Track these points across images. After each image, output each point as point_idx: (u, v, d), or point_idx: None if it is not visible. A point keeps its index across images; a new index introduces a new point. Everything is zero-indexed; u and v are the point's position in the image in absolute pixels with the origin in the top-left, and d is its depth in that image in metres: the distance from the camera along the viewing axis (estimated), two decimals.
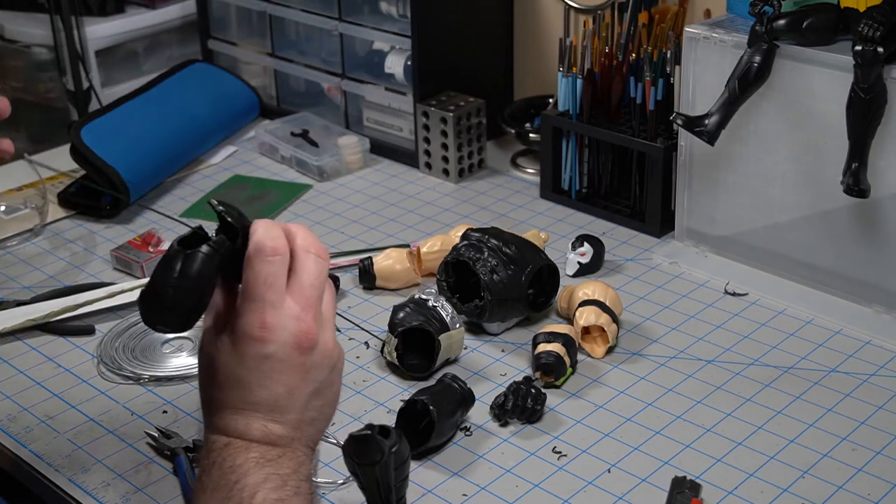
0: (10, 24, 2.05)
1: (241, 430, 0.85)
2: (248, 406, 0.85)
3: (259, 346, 0.84)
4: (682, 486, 1.08)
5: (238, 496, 0.82)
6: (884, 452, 1.13)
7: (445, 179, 1.76)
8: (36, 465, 1.16)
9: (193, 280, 0.83)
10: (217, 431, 0.86)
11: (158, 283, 0.84)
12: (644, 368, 1.28)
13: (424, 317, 1.26)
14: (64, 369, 1.32)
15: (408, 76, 1.78)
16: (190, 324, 0.85)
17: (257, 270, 0.84)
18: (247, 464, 0.84)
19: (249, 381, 0.85)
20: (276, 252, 0.85)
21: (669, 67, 1.52)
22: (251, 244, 0.85)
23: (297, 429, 0.87)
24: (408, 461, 1.01)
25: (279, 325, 0.84)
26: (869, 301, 1.36)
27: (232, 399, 0.86)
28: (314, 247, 0.88)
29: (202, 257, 0.84)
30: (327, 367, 0.88)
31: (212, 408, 0.87)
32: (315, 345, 0.86)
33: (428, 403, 1.13)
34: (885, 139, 1.27)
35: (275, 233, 0.86)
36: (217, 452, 0.85)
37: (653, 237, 1.57)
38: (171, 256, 0.84)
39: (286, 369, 0.85)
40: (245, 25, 2.04)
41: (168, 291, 0.84)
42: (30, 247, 1.60)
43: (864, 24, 1.22)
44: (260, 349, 0.84)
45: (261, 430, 0.85)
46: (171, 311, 0.84)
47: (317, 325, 0.86)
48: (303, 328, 0.85)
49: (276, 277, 0.84)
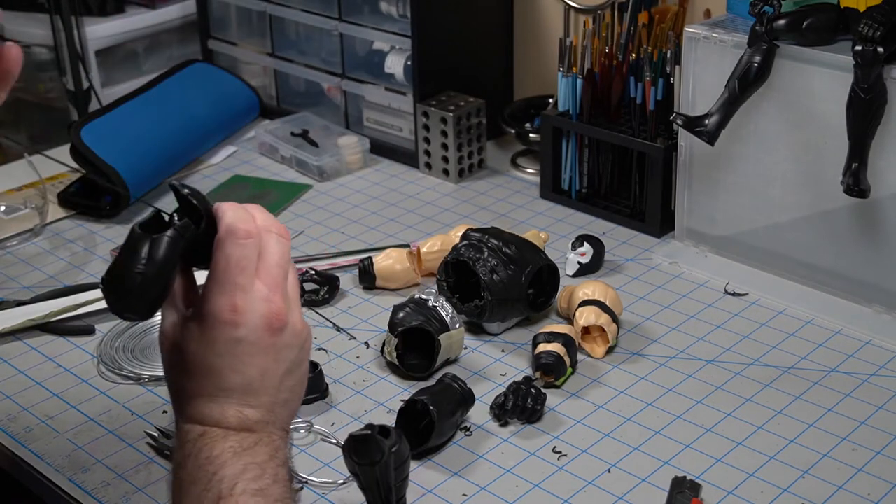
0: (10, 24, 2.05)
1: (216, 417, 0.83)
2: (221, 392, 0.83)
3: (230, 330, 0.82)
4: (682, 486, 1.08)
5: (217, 488, 0.80)
6: (884, 452, 1.13)
7: (445, 179, 1.76)
8: (36, 465, 1.16)
9: (160, 265, 0.81)
10: (191, 421, 0.84)
11: (124, 270, 0.81)
12: (644, 368, 1.28)
13: (424, 317, 1.26)
14: (64, 369, 1.32)
15: (408, 76, 1.78)
16: (155, 310, 0.83)
17: (229, 253, 0.83)
18: (224, 454, 0.81)
19: (221, 366, 0.83)
20: (248, 235, 0.83)
21: (669, 67, 1.52)
22: (223, 227, 0.83)
23: (272, 411, 0.85)
24: (408, 461, 1.01)
25: (249, 307, 0.82)
26: (869, 301, 1.36)
27: (205, 387, 0.84)
28: (275, 226, 0.86)
29: (168, 241, 0.81)
30: (297, 346, 0.86)
31: (183, 397, 0.85)
32: (285, 325, 0.84)
33: (428, 403, 1.13)
34: (885, 139, 1.27)
35: (245, 215, 0.84)
36: (192, 444, 0.83)
37: (653, 237, 1.57)
38: (135, 241, 0.81)
39: (258, 352, 0.84)
40: (245, 25, 2.04)
41: (136, 278, 0.80)
42: (30, 247, 1.60)
43: (864, 24, 1.22)
44: (231, 333, 0.82)
45: (236, 416, 0.83)
46: (139, 298, 0.81)
47: (285, 305, 0.85)
48: (273, 309, 0.83)
49: (248, 261, 0.83)
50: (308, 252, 1.55)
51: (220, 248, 0.83)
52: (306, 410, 1.22)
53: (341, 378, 1.28)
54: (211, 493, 0.80)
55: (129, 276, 0.81)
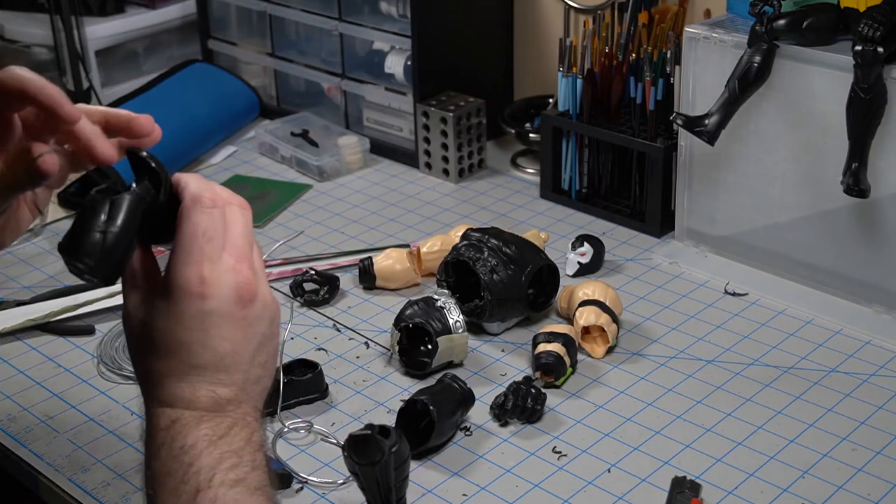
0: (10, 24, 2.04)
1: (187, 398, 0.80)
2: (192, 370, 0.80)
3: (199, 303, 0.79)
4: (682, 486, 1.07)
5: (194, 480, 0.77)
6: (884, 452, 1.13)
7: (445, 179, 1.76)
8: (36, 465, 1.16)
9: (121, 225, 0.78)
10: (162, 404, 0.80)
11: (85, 231, 0.78)
12: (644, 368, 1.28)
13: (430, 316, 1.26)
14: (64, 369, 1.32)
15: (408, 76, 1.78)
16: (116, 276, 0.80)
17: (196, 222, 0.80)
18: (199, 443, 0.78)
19: (191, 341, 0.79)
20: (214, 203, 0.81)
21: (669, 67, 1.52)
22: (188, 196, 0.81)
23: (244, 389, 0.82)
24: (408, 461, 1.01)
25: (218, 279, 0.79)
26: (869, 301, 1.36)
27: (174, 365, 0.80)
28: (235, 199, 0.84)
29: (129, 200, 0.79)
30: (268, 319, 0.83)
31: (152, 380, 0.81)
32: (255, 296, 0.82)
33: (428, 403, 1.13)
34: (885, 139, 1.27)
35: (208, 185, 0.83)
36: (164, 432, 0.79)
37: (653, 237, 1.57)
38: (94, 202, 0.79)
39: (228, 324, 0.80)
40: (245, 25, 2.04)
41: (95, 236, 0.78)
42: (30, 247, 1.60)
43: (864, 24, 1.22)
44: (200, 306, 0.79)
45: (208, 395, 0.80)
46: (102, 261, 0.78)
47: (254, 277, 0.82)
48: (241, 280, 0.81)
49: (215, 231, 0.80)
50: (308, 252, 1.55)
51: (186, 218, 0.81)
52: (306, 410, 1.23)
53: (341, 378, 1.28)
54: (188, 486, 0.77)
55: (89, 236, 0.78)
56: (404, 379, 1.28)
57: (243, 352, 0.82)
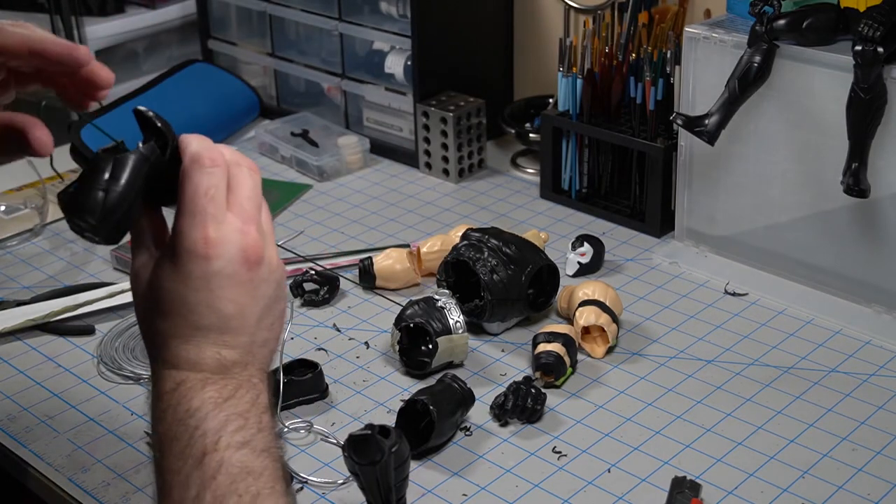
0: None
1: (192, 359, 0.80)
2: (197, 332, 0.80)
3: (204, 264, 0.79)
4: (682, 486, 1.07)
5: (200, 443, 0.77)
6: (884, 452, 1.13)
7: (445, 179, 1.76)
8: (36, 465, 1.16)
9: (124, 184, 0.78)
10: (167, 366, 0.80)
11: (87, 188, 0.78)
12: (644, 368, 1.28)
13: (430, 316, 1.26)
14: (64, 369, 1.32)
15: (408, 76, 1.78)
16: (118, 236, 0.80)
17: (197, 182, 0.80)
18: (204, 406, 0.78)
19: (197, 302, 0.79)
20: (214, 163, 0.81)
21: (669, 67, 1.52)
22: (187, 156, 0.81)
23: (250, 352, 0.82)
24: (408, 461, 1.01)
25: (224, 239, 0.79)
26: (869, 301, 1.36)
27: (180, 326, 0.80)
28: (244, 160, 0.84)
29: (134, 160, 0.79)
30: (274, 282, 0.83)
31: (157, 342, 0.81)
32: (262, 258, 0.81)
33: (428, 403, 1.13)
34: (885, 139, 1.27)
35: (210, 145, 0.82)
36: (170, 395, 0.79)
37: (653, 237, 1.57)
38: (98, 160, 0.78)
39: (234, 286, 0.80)
40: (245, 25, 2.04)
41: (97, 195, 0.77)
42: (30, 247, 1.60)
43: (864, 24, 1.22)
44: (205, 267, 0.79)
45: (213, 357, 0.80)
46: (103, 219, 0.78)
47: (261, 239, 0.82)
48: (248, 241, 0.80)
49: (217, 190, 0.80)
50: (308, 252, 1.55)
51: (186, 178, 0.80)
52: (306, 410, 1.23)
53: (341, 378, 1.28)
54: (194, 450, 0.77)
55: (91, 194, 0.78)
56: (404, 379, 1.28)
57: (249, 314, 0.81)
